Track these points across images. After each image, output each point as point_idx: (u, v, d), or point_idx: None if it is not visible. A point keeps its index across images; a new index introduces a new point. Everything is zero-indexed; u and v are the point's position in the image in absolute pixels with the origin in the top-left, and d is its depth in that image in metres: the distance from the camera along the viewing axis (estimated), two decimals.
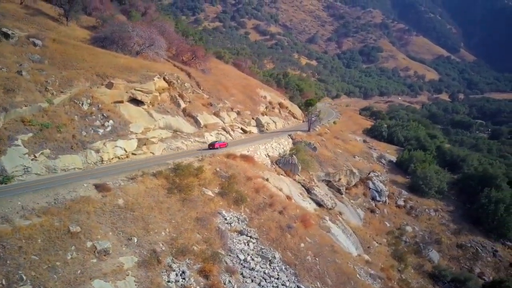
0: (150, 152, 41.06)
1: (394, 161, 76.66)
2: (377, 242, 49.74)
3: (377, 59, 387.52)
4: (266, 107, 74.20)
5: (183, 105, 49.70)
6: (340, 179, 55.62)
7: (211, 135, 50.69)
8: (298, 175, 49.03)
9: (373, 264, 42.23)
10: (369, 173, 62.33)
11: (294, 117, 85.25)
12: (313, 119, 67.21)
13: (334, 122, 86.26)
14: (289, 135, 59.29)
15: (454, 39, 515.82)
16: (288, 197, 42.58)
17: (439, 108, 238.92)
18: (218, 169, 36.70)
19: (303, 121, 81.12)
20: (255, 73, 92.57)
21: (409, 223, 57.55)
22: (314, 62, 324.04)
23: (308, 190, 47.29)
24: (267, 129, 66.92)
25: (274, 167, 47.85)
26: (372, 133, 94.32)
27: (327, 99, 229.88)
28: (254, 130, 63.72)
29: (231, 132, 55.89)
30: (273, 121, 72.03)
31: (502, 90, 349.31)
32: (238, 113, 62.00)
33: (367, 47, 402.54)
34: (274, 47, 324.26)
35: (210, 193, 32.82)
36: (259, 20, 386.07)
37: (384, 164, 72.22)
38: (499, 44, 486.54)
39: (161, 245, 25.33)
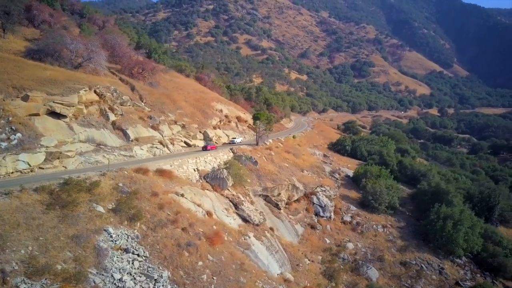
0: (63, 166, 40.00)
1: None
2: (309, 260, 48.08)
3: (369, 74, 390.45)
4: (220, 121, 73.43)
5: (112, 118, 48.86)
6: (279, 193, 54.27)
7: (142, 149, 49.67)
8: (228, 189, 47.77)
9: (293, 283, 40.64)
10: (315, 188, 60.94)
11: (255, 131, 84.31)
12: (260, 133, 66.31)
13: (294, 136, 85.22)
14: (230, 149, 58.24)
15: (447, 54, 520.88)
16: (209, 213, 41.29)
17: (427, 123, 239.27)
18: (120, 184, 35.50)
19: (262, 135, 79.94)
20: (218, 87, 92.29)
21: (352, 240, 55.93)
22: (304, 77, 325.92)
23: (236, 206, 45.99)
24: (216, 143, 65.99)
25: (201, 182, 46.64)
26: (336, 147, 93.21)
27: (313, 114, 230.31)
28: (201, 143, 62.73)
29: (170, 146, 54.88)
30: (226, 135, 71.20)
31: (493, 105, 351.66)
32: (183, 126, 61.17)
33: (359, 62, 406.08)
34: (265, 62, 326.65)
35: (101, 209, 31.57)
36: (251, 35, 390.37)
37: (337, 179, 70.84)
38: (492, 60, 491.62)
39: (14, 264, 23.99)
